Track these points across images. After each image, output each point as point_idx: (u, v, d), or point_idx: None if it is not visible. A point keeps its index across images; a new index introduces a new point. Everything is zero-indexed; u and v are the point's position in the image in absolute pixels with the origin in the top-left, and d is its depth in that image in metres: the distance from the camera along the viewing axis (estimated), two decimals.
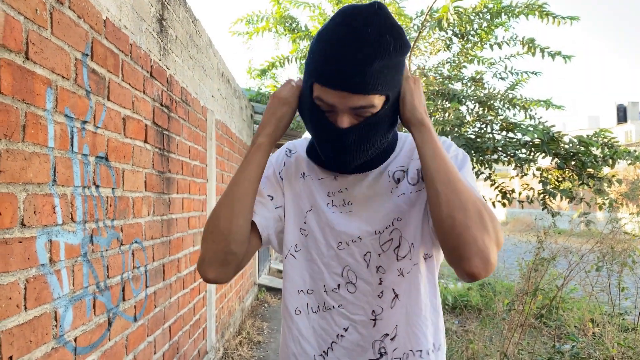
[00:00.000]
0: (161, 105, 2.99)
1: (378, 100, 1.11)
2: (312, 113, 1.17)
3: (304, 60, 7.18)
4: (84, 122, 2.02)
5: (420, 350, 1.22)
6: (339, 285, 1.25)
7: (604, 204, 4.88)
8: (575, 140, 4.75)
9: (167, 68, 3.12)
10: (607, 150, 4.78)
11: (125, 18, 2.46)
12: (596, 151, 4.83)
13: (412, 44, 6.46)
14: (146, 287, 2.75)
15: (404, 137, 1.34)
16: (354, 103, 1.09)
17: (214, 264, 1.19)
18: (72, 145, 1.92)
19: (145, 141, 2.73)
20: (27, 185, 1.63)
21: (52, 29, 1.78)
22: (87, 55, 2.04)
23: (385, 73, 1.08)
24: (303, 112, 1.24)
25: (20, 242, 1.59)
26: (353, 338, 1.24)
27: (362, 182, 1.27)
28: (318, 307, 1.28)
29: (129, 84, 2.50)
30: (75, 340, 1.93)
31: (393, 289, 1.22)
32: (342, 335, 1.25)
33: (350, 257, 1.24)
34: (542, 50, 5.78)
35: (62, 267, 1.84)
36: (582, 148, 4.79)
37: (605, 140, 4.86)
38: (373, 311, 1.23)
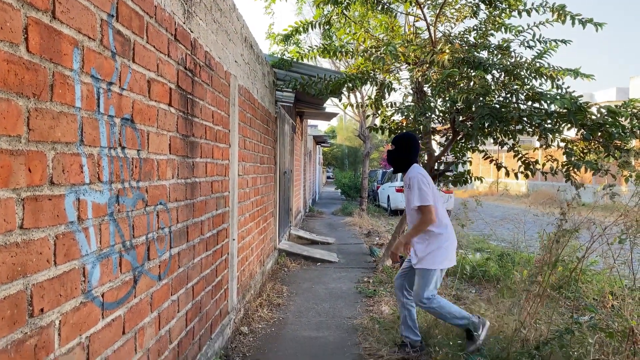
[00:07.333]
0: (185, 69, 3.00)
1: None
2: None
3: (327, 26, 7.03)
4: (110, 83, 2.05)
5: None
6: None
7: (630, 176, 4.79)
8: (604, 110, 4.64)
9: (191, 31, 3.12)
10: (636, 121, 4.65)
11: None
12: (624, 122, 4.70)
13: (437, 11, 6.31)
14: (170, 247, 2.81)
15: (413, 169, 4.08)
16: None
17: None
18: (98, 106, 1.95)
19: (170, 104, 2.75)
20: (56, 144, 1.66)
21: None
22: (112, 16, 2.05)
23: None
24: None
25: (50, 199, 1.63)
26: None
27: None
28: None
29: (154, 47, 2.51)
30: (102, 295, 2.00)
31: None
32: None
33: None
34: (572, 18, 5.59)
35: (90, 225, 1.89)
36: (610, 119, 4.67)
37: (635, 110, 4.73)
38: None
